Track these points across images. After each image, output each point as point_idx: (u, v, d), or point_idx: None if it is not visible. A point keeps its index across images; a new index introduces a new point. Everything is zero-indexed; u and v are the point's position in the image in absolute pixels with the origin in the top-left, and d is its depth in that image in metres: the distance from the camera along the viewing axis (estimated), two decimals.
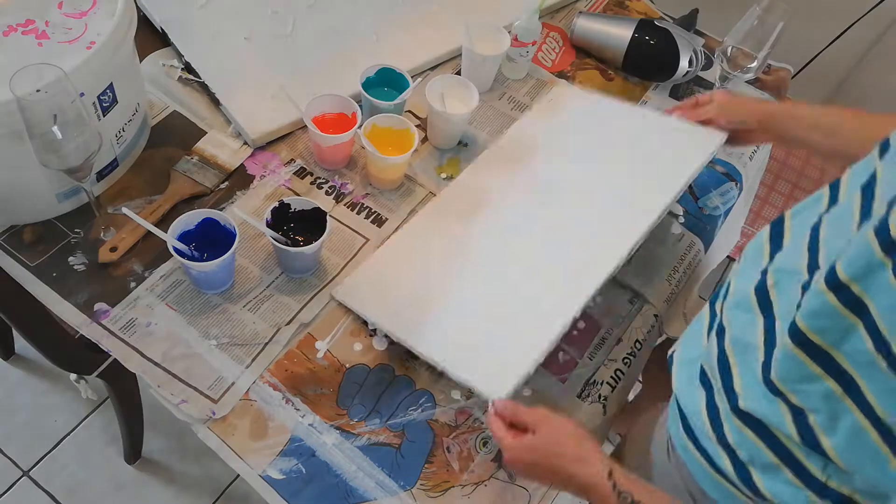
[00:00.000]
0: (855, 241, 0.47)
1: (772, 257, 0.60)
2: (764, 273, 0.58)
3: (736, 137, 0.91)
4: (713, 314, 0.66)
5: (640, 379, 1.14)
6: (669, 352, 0.72)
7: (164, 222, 0.85)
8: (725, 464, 0.60)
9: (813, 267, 0.52)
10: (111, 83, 0.79)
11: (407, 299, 0.84)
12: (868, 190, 0.50)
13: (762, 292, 0.57)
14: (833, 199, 0.56)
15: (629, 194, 0.89)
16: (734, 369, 0.59)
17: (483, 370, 0.75)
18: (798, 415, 0.53)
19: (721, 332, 0.62)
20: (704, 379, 0.63)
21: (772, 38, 0.97)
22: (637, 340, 0.90)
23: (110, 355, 0.78)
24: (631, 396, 1.01)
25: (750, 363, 0.57)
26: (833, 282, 0.47)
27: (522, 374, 0.73)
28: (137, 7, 0.89)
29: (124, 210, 0.77)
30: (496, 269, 0.86)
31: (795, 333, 0.50)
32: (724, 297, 0.64)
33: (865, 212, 0.49)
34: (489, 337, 0.79)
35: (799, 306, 0.51)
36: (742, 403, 0.57)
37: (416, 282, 0.85)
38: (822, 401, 0.51)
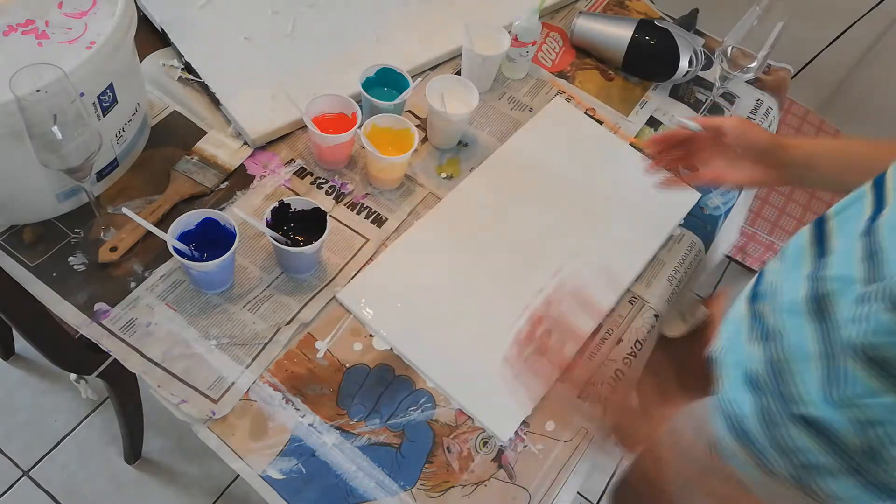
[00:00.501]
0: None
1: (818, 261, 0.58)
2: (814, 280, 0.56)
3: (748, 176, 0.83)
4: (755, 316, 0.64)
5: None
6: (711, 351, 0.70)
7: (164, 222, 0.85)
8: (781, 467, 0.58)
9: (872, 279, 0.51)
10: (111, 83, 0.79)
11: (411, 313, 0.85)
12: None
13: (816, 301, 0.55)
14: (879, 202, 0.54)
15: (621, 237, 0.97)
16: (791, 377, 0.56)
17: (486, 404, 0.80)
18: (861, 425, 0.51)
19: (770, 337, 0.59)
20: (754, 383, 0.61)
21: (771, 37, 0.97)
22: (637, 340, 0.90)
23: (110, 355, 0.78)
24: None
25: (809, 372, 0.55)
26: (893, 299, 0.46)
27: (524, 414, 0.80)
28: (137, 7, 0.89)
29: (124, 210, 0.77)
30: (499, 296, 0.89)
31: (855, 349, 0.49)
32: (767, 299, 0.62)
33: None
34: (493, 367, 0.82)
35: (857, 320, 0.50)
36: (801, 410, 0.55)
37: (420, 296, 0.87)
38: (887, 412, 0.50)
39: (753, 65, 1.00)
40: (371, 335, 0.83)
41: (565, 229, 0.96)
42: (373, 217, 0.94)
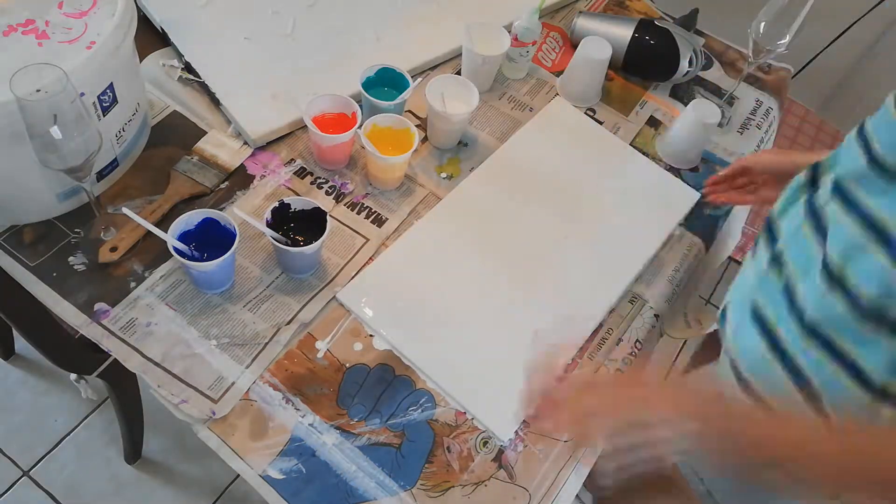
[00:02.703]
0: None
1: (811, 194, 0.63)
2: (809, 201, 0.62)
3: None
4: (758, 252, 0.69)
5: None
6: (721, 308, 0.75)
7: (164, 222, 0.85)
8: (789, 389, 0.61)
9: (871, 157, 0.54)
10: (111, 83, 0.79)
11: (411, 313, 0.85)
12: None
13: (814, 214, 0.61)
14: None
15: (621, 236, 0.97)
16: (797, 286, 0.61)
17: (486, 403, 0.80)
18: None
19: (779, 263, 0.64)
20: (756, 314, 0.65)
21: (802, 13, 0.98)
22: (637, 340, 0.90)
23: (110, 355, 0.78)
24: None
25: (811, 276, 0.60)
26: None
27: (524, 414, 0.79)
28: (137, 7, 0.89)
29: (124, 210, 0.77)
30: (501, 293, 0.89)
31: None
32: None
33: None
34: (493, 367, 0.82)
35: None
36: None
37: (420, 296, 0.87)
38: None
39: (785, 40, 1.02)
40: (371, 335, 0.83)
41: (565, 229, 0.96)
42: (373, 217, 0.94)
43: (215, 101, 0.99)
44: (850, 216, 0.56)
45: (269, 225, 0.81)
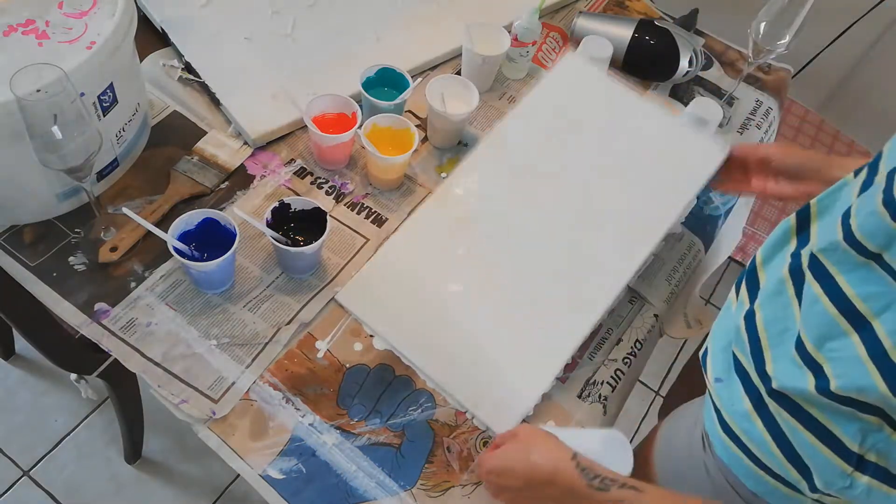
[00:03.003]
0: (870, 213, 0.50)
1: (799, 243, 0.61)
2: (795, 256, 0.59)
3: (795, 190, 0.84)
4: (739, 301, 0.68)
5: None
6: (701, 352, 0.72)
7: (164, 222, 0.85)
8: (772, 449, 0.60)
9: (849, 237, 0.53)
10: (111, 83, 0.79)
11: (410, 313, 0.85)
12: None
13: (797, 274, 0.59)
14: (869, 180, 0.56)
15: (633, 214, 0.90)
16: (767, 352, 0.60)
17: (487, 402, 0.80)
18: None
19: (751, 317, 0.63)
20: (739, 367, 0.64)
21: (802, 13, 0.98)
22: (637, 340, 0.90)
23: (110, 355, 0.78)
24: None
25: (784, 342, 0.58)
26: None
27: (524, 412, 0.79)
28: (137, 7, 0.89)
29: (124, 210, 0.77)
30: (500, 291, 0.88)
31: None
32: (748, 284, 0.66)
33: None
34: (493, 366, 0.82)
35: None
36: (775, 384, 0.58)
37: (418, 295, 0.86)
38: None
39: (785, 40, 1.02)
40: (371, 335, 0.83)
41: (570, 219, 0.90)
42: (373, 217, 0.94)
43: (215, 101, 0.99)
44: (825, 292, 0.54)
45: (269, 225, 0.81)
